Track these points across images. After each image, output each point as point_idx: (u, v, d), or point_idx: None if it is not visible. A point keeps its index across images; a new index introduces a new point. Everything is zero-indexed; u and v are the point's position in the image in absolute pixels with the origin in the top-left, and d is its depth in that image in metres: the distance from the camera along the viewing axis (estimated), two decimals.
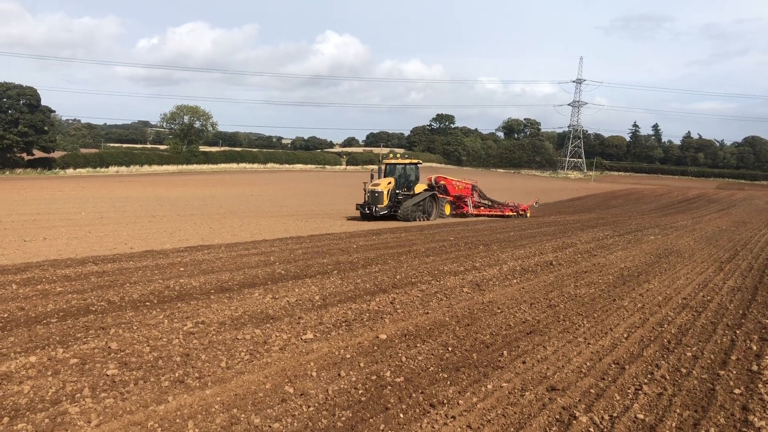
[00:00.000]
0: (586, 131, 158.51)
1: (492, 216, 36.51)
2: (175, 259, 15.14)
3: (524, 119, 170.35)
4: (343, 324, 9.33)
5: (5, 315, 9.26)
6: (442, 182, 35.71)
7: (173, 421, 5.77)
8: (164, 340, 8.20)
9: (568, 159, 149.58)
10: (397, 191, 32.00)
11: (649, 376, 7.31)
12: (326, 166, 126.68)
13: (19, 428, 5.54)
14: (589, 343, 8.60)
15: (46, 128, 78.23)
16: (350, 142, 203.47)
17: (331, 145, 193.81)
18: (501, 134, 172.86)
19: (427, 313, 10.15)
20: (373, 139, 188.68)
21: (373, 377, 7.04)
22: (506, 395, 6.57)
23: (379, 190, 30.86)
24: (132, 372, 6.96)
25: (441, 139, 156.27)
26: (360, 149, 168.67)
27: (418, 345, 8.35)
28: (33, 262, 14.09)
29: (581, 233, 24.77)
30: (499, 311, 10.41)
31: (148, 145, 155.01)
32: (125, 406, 6.01)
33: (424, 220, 31.80)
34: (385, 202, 30.78)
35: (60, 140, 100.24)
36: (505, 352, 8.06)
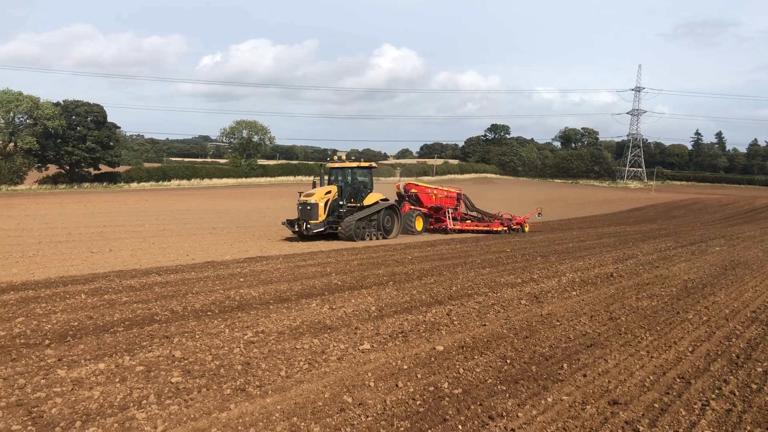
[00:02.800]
0: (646, 140, 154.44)
1: (478, 232, 30.36)
2: (235, 269, 15.48)
3: (582, 128, 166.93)
4: (400, 335, 9.35)
5: (75, 324, 9.66)
6: (413, 191, 30.26)
7: (235, 428, 5.89)
8: (225, 348, 8.39)
9: (627, 168, 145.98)
10: (341, 202, 25.02)
11: (716, 391, 7.07)
12: (380, 178, 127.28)
13: None
14: (652, 357, 8.38)
15: (111, 144, 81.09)
16: (404, 153, 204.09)
17: (385, 157, 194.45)
18: (558, 144, 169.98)
19: (485, 325, 10.07)
20: (427, 151, 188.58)
21: (431, 388, 7.02)
22: (567, 408, 6.46)
23: (312, 201, 23.69)
24: (195, 380, 7.15)
25: (496, 149, 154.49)
26: (414, 161, 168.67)
27: (476, 357, 8.29)
28: (100, 273, 14.65)
29: (642, 244, 24.13)
30: (558, 323, 10.25)
31: (209, 159, 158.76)
32: (189, 413, 6.17)
33: (377, 238, 25.20)
34: (321, 216, 23.72)
35: (125, 155, 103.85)
36: (564, 365, 7.92)
